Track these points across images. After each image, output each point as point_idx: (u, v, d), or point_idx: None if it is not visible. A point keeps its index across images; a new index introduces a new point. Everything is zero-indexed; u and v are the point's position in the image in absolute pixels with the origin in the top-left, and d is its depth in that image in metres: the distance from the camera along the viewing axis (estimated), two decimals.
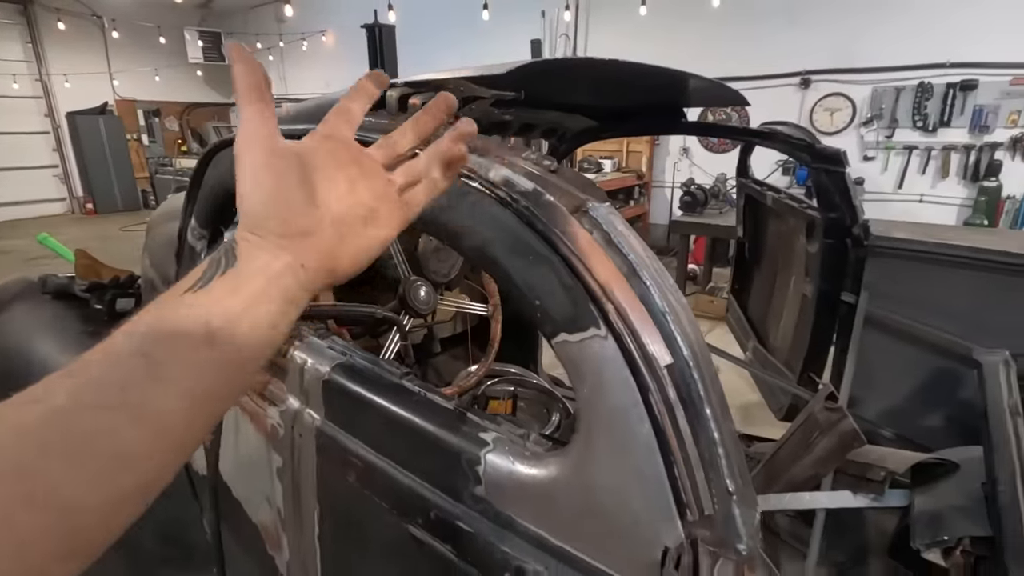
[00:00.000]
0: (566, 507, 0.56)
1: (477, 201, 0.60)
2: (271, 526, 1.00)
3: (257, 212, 0.39)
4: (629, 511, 0.50)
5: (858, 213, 1.95)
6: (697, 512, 0.47)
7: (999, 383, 1.30)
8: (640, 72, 1.47)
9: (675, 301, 0.52)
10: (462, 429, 0.66)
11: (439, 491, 0.66)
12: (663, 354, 0.48)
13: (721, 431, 0.47)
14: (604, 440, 0.52)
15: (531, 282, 0.56)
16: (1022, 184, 5.54)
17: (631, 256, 0.52)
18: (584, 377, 0.53)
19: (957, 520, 1.24)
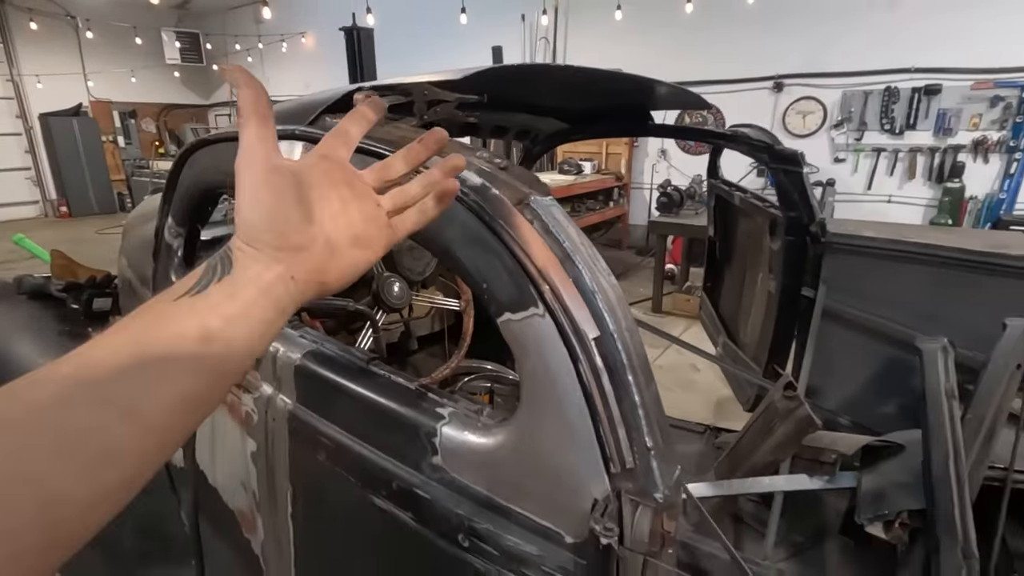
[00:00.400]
0: (511, 470, 0.62)
1: None
2: (247, 510, 1.04)
3: (255, 225, 0.41)
4: (564, 469, 0.56)
5: (815, 211, 2.05)
6: (620, 466, 0.53)
7: (937, 369, 1.38)
8: (602, 77, 1.54)
9: (605, 282, 0.58)
10: (421, 406, 0.72)
11: (400, 463, 0.72)
12: (591, 328, 0.54)
13: (642, 395, 0.54)
14: (543, 407, 0.58)
15: (480, 268, 0.62)
16: (984, 185, 5.76)
17: (566, 243, 0.58)
18: (526, 352, 0.59)
19: (897, 496, 1.33)
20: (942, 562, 1.14)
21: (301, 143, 0.84)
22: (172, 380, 0.35)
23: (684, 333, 4.76)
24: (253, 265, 0.40)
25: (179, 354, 0.35)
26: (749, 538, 1.86)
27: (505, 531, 0.61)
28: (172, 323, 0.36)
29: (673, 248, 6.18)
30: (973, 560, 1.11)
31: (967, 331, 1.63)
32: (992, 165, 5.71)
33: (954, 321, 1.81)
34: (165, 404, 0.34)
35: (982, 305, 1.77)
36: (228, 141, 1.04)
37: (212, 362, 0.36)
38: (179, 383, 0.35)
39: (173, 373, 0.35)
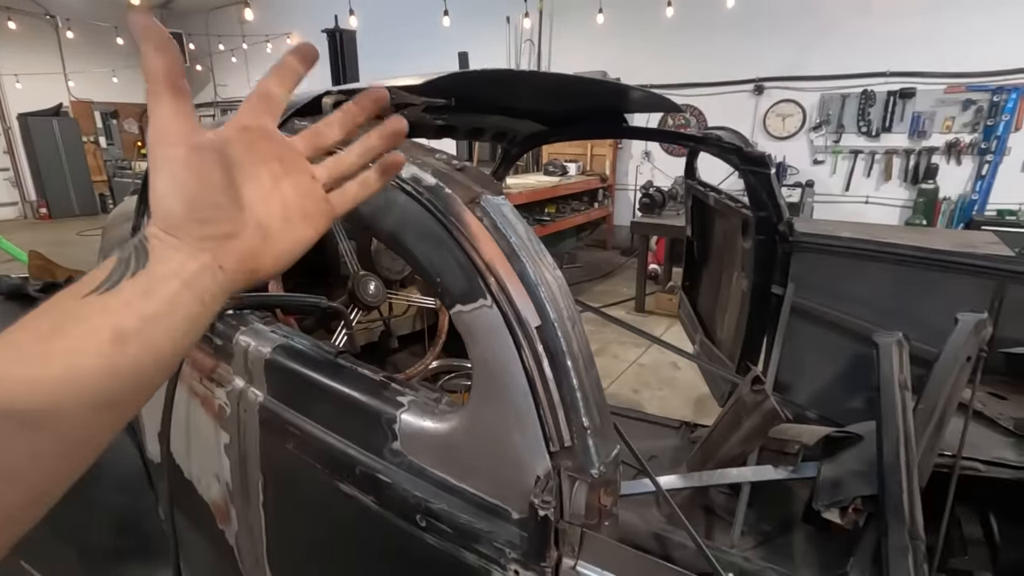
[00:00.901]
0: (464, 452, 0.66)
1: (389, 194, 0.70)
2: (221, 501, 1.07)
3: (175, 212, 0.37)
4: (510, 449, 0.61)
5: (783, 211, 2.11)
6: (559, 444, 0.57)
7: (892, 361, 1.44)
8: (573, 82, 1.59)
9: (549, 275, 0.62)
10: (383, 395, 0.76)
11: (363, 450, 0.76)
12: (534, 318, 0.59)
13: (581, 378, 0.58)
14: (491, 392, 0.62)
15: (434, 262, 0.66)
16: (957, 186, 5.90)
17: (513, 239, 0.63)
18: (476, 341, 0.63)
19: (851, 483, 1.38)
20: (890, 544, 1.19)
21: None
22: (82, 388, 0.31)
23: (666, 332, 4.83)
24: (174, 256, 0.36)
25: (89, 360, 0.31)
26: (720, 528, 1.92)
27: (459, 510, 0.65)
28: (80, 324, 0.32)
29: (657, 248, 6.26)
30: (919, 541, 1.17)
31: (925, 326, 1.70)
32: (965, 167, 5.86)
33: (912, 316, 1.88)
34: (74, 415, 0.31)
35: (938, 301, 1.85)
36: None
37: (128, 366, 0.33)
38: (90, 391, 0.31)
39: (83, 380, 0.31)
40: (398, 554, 0.74)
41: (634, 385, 4.04)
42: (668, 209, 5.69)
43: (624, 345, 4.59)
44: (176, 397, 1.11)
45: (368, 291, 1.49)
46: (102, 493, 1.51)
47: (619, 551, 0.57)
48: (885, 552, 1.20)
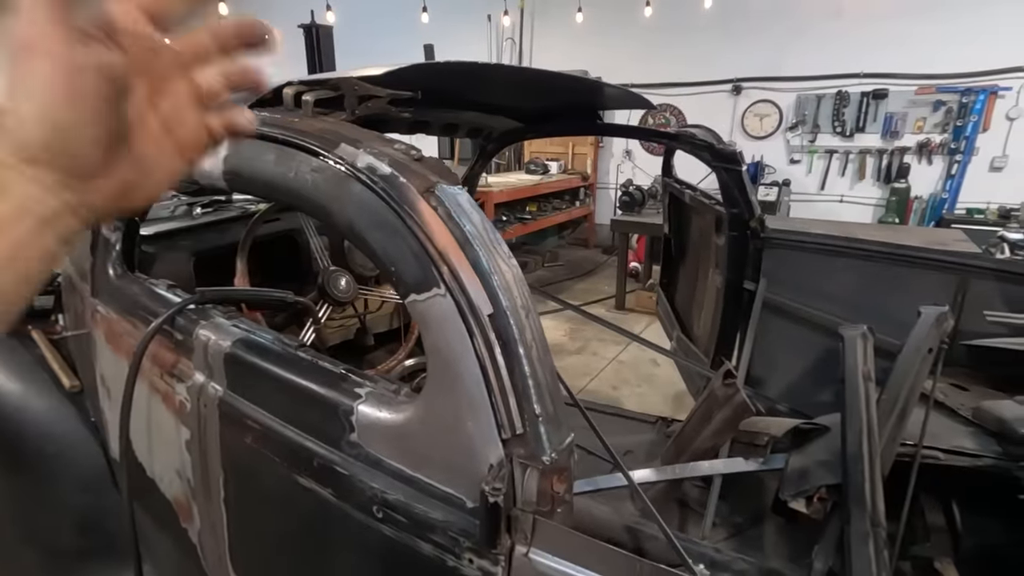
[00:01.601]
0: (419, 442, 0.65)
1: (345, 184, 0.69)
2: (183, 499, 1.05)
3: (38, 142, 0.31)
4: (464, 438, 0.61)
5: (755, 208, 2.14)
6: (511, 432, 0.57)
7: (856, 354, 1.47)
8: (545, 78, 1.59)
9: (503, 264, 0.62)
10: (342, 386, 0.75)
11: (321, 442, 0.75)
12: (486, 306, 0.59)
13: (533, 367, 0.58)
14: (445, 381, 0.62)
15: (389, 252, 0.65)
16: (928, 185, 6.04)
17: (467, 227, 0.62)
18: (431, 330, 0.63)
19: (817, 473, 1.40)
20: (852, 531, 1.22)
21: None
22: None
23: (645, 329, 4.87)
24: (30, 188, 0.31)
25: None
26: (693, 521, 1.94)
27: (414, 500, 0.65)
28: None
29: (637, 247, 6.31)
30: (880, 528, 1.19)
31: (891, 320, 1.73)
32: (935, 166, 6.00)
33: (879, 311, 1.92)
34: None
35: (904, 296, 1.89)
36: None
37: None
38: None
39: None
40: (357, 546, 0.74)
41: (613, 382, 4.06)
42: (648, 207, 5.74)
43: (604, 342, 4.61)
44: (137, 393, 1.09)
45: (339, 286, 1.48)
46: (64, 493, 1.48)
47: (572, 538, 0.57)
48: (847, 539, 1.22)
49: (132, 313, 1.16)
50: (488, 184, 5.64)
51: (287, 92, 0.91)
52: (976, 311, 1.84)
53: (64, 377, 1.64)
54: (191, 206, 1.83)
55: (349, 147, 0.72)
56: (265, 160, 0.79)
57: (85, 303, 1.43)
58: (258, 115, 0.88)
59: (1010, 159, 5.65)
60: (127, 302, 1.19)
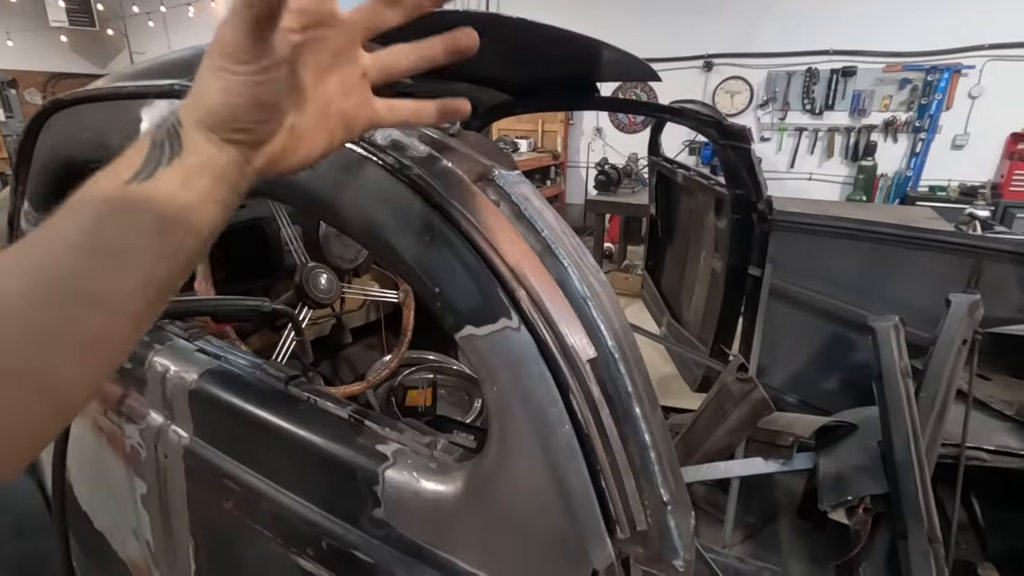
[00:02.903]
0: (478, 527, 0.47)
1: (361, 170, 0.49)
2: (141, 562, 0.85)
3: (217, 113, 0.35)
4: (551, 528, 0.43)
5: (762, 189, 2.01)
6: (628, 528, 0.40)
7: (891, 347, 1.36)
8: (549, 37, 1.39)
9: (597, 284, 0.44)
10: (357, 441, 0.56)
11: (332, 516, 0.56)
12: (585, 346, 0.41)
13: (652, 432, 0.41)
14: (520, 447, 0.44)
15: (429, 266, 0.46)
16: (894, 163, 6.13)
17: (545, 232, 0.44)
18: (495, 375, 0.45)
19: (858, 480, 1.30)
20: (910, 547, 1.11)
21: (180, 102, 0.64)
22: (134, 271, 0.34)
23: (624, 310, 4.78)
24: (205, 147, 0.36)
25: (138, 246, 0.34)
26: (705, 523, 1.84)
27: None
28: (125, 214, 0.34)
29: (610, 227, 6.19)
30: (938, 544, 1.09)
31: (907, 306, 1.64)
32: (901, 144, 6.08)
33: (892, 296, 1.84)
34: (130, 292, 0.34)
35: (918, 280, 1.81)
36: (96, 101, 0.81)
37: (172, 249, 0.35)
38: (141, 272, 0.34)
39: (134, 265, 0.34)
40: None
41: None
42: (623, 187, 5.61)
43: None
44: (77, 429, 0.86)
45: (319, 286, 1.27)
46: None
47: None
48: (904, 557, 1.12)
49: None
50: None
51: None
52: (992, 295, 1.78)
53: None
54: None
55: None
56: None
57: None
58: None
59: (971, 137, 5.77)
60: None
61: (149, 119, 0.70)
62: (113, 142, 0.73)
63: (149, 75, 0.72)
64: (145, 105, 0.69)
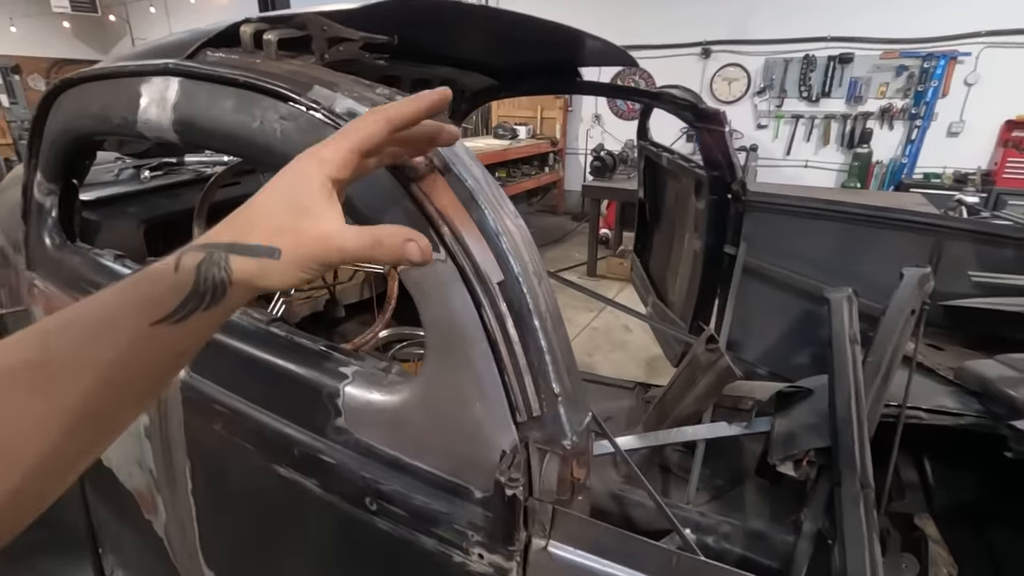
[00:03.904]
0: (418, 427, 0.58)
1: (322, 133, 0.59)
2: (145, 490, 0.96)
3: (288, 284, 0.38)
4: (471, 421, 0.54)
5: (737, 170, 2.10)
6: (526, 414, 0.50)
7: (842, 316, 1.46)
8: (528, 25, 1.48)
9: (511, 224, 0.54)
10: (324, 366, 0.67)
11: (303, 428, 0.67)
12: (495, 272, 0.51)
13: (550, 340, 0.51)
14: (448, 358, 0.54)
15: (375, 211, 0.56)
16: (889, 150, 6.17)
17: (469, 182, 0.54)
18: (429, 301, 0.55)
19: (804, 436, 1.40)
20: (843, 492, 1.22)
21: (176, 79, 0.74)
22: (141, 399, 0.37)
23: (617, 295, 4.87)
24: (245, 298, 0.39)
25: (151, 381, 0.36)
26: (675, 485, 1.95)
27: (413, 491, 0.58)
28: (146, 355, 0.35)
29: (607, 213, 6.27)
30: (869, 489, 1.20)
31: (870, 281, 1.73)
32: (896, 131, 6.11)
33: (858, 273, 1.93)
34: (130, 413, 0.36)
35: (882, 257, 1.90)
36: (100, 80, 0.91)
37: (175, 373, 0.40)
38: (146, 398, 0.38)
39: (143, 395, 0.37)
40: (347, 541, 0.67)
41: (587, 349, 4.06)
42: (619, 173, 5.68)
43: (577, 309, 4.59)
44: None
45: None
46: None
47: (595, 529, 0.51)
48: (838, 500, 1.22)
49: (74, 287, 1.03)
50: None
51: (244, 30, 0.79)
52: (951, 272, 1.87)
53: None
54: (138, 169, 1.66)
55: (325, 90, 0.61)
56: (223, 107, 0.68)
57: (20, 277, 1.28)
58: (212, 55, 0.76)
59: (966, 124, 5.80)
60: (68, 275, 1.06)
61: (148, 96, 0.79)
62: (115, 116, 0.83)
63: (147, 55, 0.82)
64: (144, 82, 0.79)
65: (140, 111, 0.78)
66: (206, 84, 0.70)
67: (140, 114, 0.78)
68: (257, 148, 0.66)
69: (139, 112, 0.78)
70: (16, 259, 1.34)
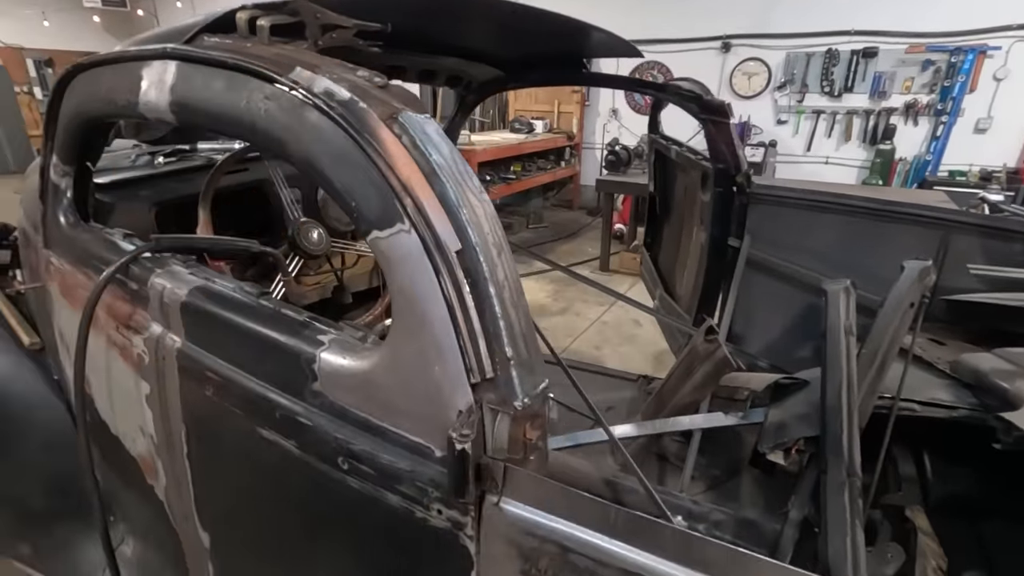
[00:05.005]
0: (385, 389, 0.62)
1: (301, 112, 0.63)
2: (147, 455, 1.01)
3: None
4: (431, 384, 0.57)
5: (741, 163, 2.09)
6: (480, 376, 0.53)
7: (839, 308, 1.46)
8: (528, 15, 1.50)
9: (473, 199, 0.57)
10: (303, 334, 0.70)
11: (284, 393, 0.71)
12: (454, 242, 0.54)
13: (506, 307, 0.54)
14: (411, 324, 0.57)
15: (348, 185, 0.60)
16: (913, 147, 6.02)
17: (434, 157, 0.57)
18: (394, 269, 0.58)
19: (794, 425, 1.41)
20: (828, 480, 1.22)
21: (174, 62, 0.78)
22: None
23: (629, 290, 4.87)
24: None
25: None
26: (672, 475, 1.96)
27: (380, 451, 0.62)
28: None
29: (623, 208, 6.24)
30: (855, 478, 1.20)
31: (874, 276, 1.72)
32: (921, 128, 5.97)
33: (862, 267, 1.91)
34: None
35: (887, 251, 1.88)
36: (108, 64, 0.96)
37: None
38: None
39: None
40: (323, 499, 0.71)
41: (596, 342, 4.08)
42: (634, 167, 5.66)
43: (587, 303, 4.61)
44: (95, 349, 1.03)
45: (310, 239, 1.41)
46: (28, 453, 1.43)
47: (545, 486, 0.54)
48: (823, 488, 1.23)
49: (86, 264, 1.09)
50: (472, 143, 5.49)
51: (240, 16, 0.83)
52: (957, 266, 1.84)
53: (23, 334, 1.57)
54: (153, 155, 1.72)
55: (306, 71, 0.65)
56: (214, 88, 0.72)
57: (39, 255, 1.35)
58: (209, 40, 0.80)
59: (995, 121, 5.64)
60: (80, 253, 1.12)
61: (148, 79, 0.84)
62: (120, 99, 0.87)
63: (149, 40, 0.86)
64: (145, 66, 0.83)
65: (141, 93, 0.82)
66: (200, 67, 0.74)
67: (141, 96, 0.82)
68: (244, 126, 0.69)
69: (140, 94, 0.82)
70: (35, 238, 1.41)
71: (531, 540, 0.53)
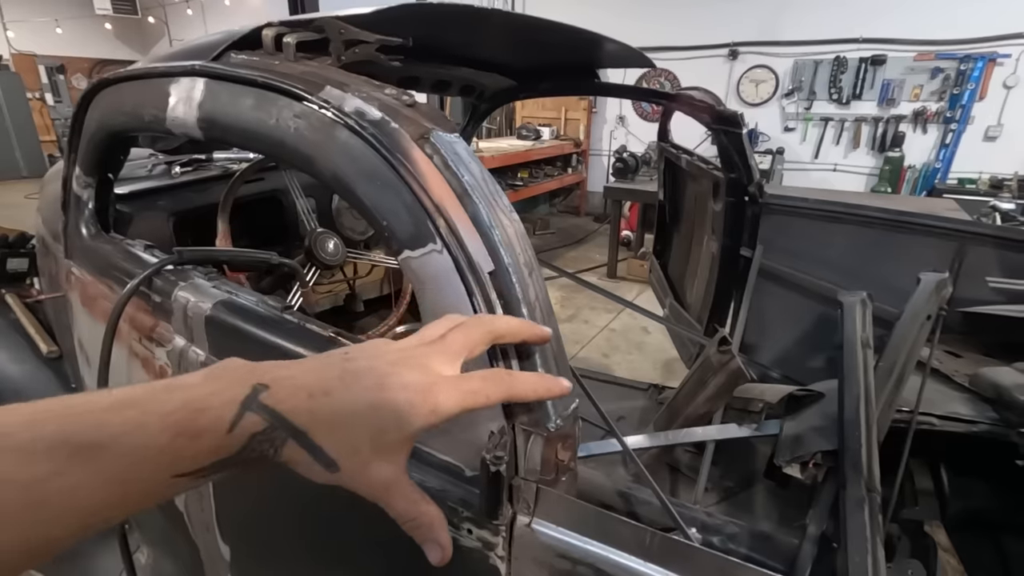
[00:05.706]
0: None
1: (331, 131, 0.64)
2: None
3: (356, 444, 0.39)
4: None
5: (754, 173, 2.09)
6: None
7: (855, 320, 1.45)
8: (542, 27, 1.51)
9: (504, 218, 0.57)
10: (329, 349, 0.71)
11: None
12: (487, 263, 0.54)
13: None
14: None
15: (379, 205, 0.60)
16: (922, 154, 6.01)
17: (466, 178, 0.57)
18: (426, 289, 0.58)
19: (812, 439, 1.40)
20: (847, 496, 1.21)
21: (202, 79, 0.79)
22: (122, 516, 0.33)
23: (637, 297, 4.86)
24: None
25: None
26: (685, 486, 1.95)
27: (409, 469, 0.62)
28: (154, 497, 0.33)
29: (630, 215, 6.25)
30: (875, 493, 1.19)
31: (889, 287, 1.71)
32: (930, 135, 5.96)
33: (877, 278, 1.90)
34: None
35: (902, 262, 1.87)
36: (134, 80, 0.97)
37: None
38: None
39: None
40: (348, 516, 0.71)
41: (604, 350, 4.07)
42: (641, 174, 5.66)
43: (595, 311, 4.60)
44: (116, 359, 1.03)
45: (326, 249, 1.42)
46: None
47: (576, 507, 0.54)
48: (842, 504, 1.22)
49: (107, 275, 1.10)
50: (479, 149, 5.52)
51: (266, 34, 0.84)
52: (973, 278, 1.83)
53: (41, 342, 1.58)
54: (169, 165, 1.74)
55: (336, 91, 0.65)
56: (243, 105, 0.72)
57: (59, 265, 1.37)
58: (236, 57, 0.81)
59: (1004, 128, 5.62)
60: (102, 263, 1.13)
61: (176, 95, 0.85)
62: (147, 114, 0.88)
63: (176, 57, 0.87)
64: (173, 82, 0.84)
65: (169, 109, 0.83)
66: (228, 84, 0.75)
67: (169, 112, 0.83)
68: (273, 143, 0.70)
69: (168, 110, 0.83)
70: (55, 248, 1.42)
71: (563, 562, 0.53)
